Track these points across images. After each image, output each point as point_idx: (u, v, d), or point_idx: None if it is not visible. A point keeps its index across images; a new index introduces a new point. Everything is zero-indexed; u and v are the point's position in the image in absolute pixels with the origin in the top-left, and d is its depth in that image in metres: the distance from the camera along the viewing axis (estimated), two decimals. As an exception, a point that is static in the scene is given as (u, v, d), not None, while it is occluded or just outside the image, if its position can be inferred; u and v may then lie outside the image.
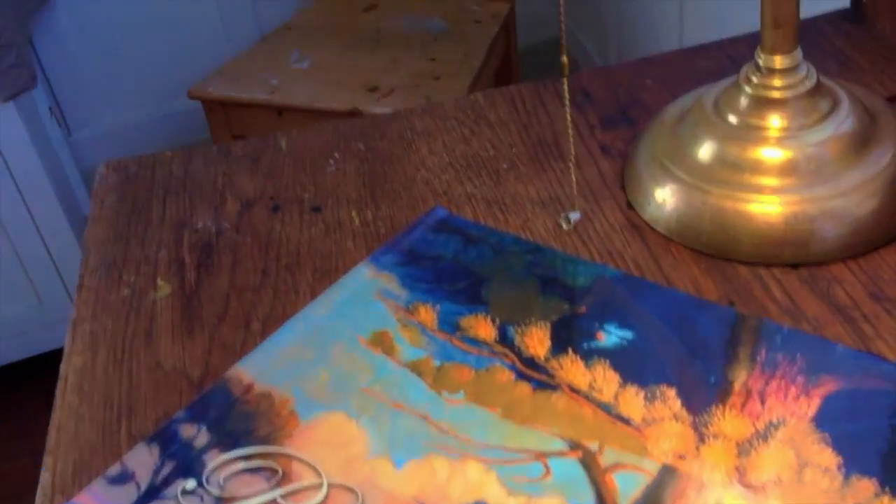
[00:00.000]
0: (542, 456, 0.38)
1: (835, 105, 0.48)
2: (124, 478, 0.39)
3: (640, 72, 0.64)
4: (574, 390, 0.40)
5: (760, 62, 0.47)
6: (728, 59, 0.63)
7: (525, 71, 1.72)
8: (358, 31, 1.53)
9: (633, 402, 0.39)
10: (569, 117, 0.48)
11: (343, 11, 1.61)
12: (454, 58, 1.43)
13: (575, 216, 0.51)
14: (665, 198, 0.49)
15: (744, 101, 0.48)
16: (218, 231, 0.55)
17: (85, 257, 0.54)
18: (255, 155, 0.62)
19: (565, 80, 0.46)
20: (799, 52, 0.47)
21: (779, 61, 0.46)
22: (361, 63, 1.44)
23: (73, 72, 1.71)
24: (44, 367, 1.62)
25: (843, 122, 0.47)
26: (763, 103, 0.47)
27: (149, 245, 0.54)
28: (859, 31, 0.64)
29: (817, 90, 0.47)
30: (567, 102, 0.47)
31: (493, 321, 0.44)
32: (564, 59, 0.46)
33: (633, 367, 0.41)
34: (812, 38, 0.63)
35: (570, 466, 0.37)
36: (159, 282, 0.51)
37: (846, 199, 0.45)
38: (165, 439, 0.40)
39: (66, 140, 1.73)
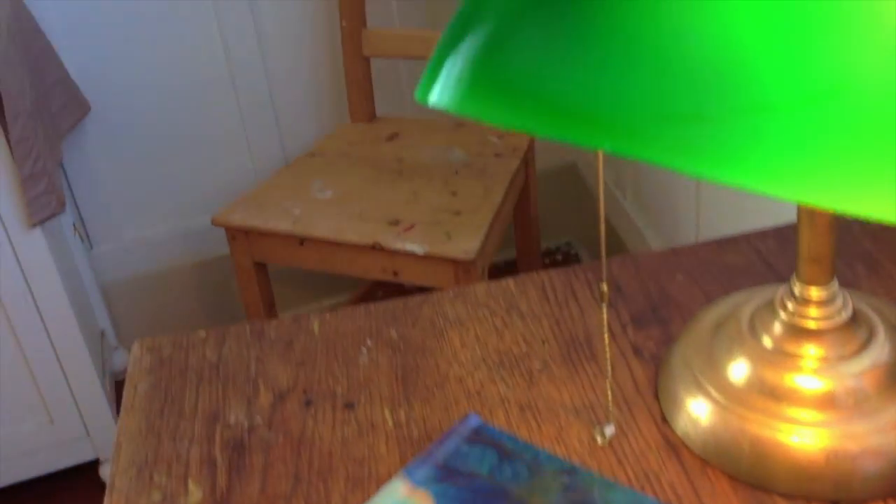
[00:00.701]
0: None
1: (872, 334, 0.48)
2: None
3: (670, 264, 0.65)
4: None
5: (796, 291, 0.48)
6: (756, 254, 0.64)
7: (541, 195, 1.75)
8: (380, 160, 1.56)
9: None
10: (606, 339, 0.48)
11: (365, 139, 1.65)
12: (475, 192, 1.45)
13: (610, 430, 0.51)
14: (700, 416, 0.49)
15: (779, 327, 0.48)
16: (250, 427, 0.55)
17: (116, 452, 0.54)
18: (287, 338, 0.62)
19: (604, 308, 0.47)
20: (835, 283, 0.48)
21: (815, 293, 0.47)
22: (383, 195, 1.46)
23: (99, 188, 1.74)
24: (53, 487, 1.60)
25: (881, 352, 0.47)
26: (799, 332, 0.48)
27: (181, 441, 0.54)
28: (887, 234, 0.65)
29: (854, 319, 0.48)
30: (606, 327, 0.47)
31: (530, 553, 0.44)
32: (604, 287, 0.46)
33: None
34: (838, 236, 0.64)
35: None
36: (190, 486, 0.51)
37: (888, 435, 0.45)
38: None
39: (87, 254, 1.75)
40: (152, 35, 1.67)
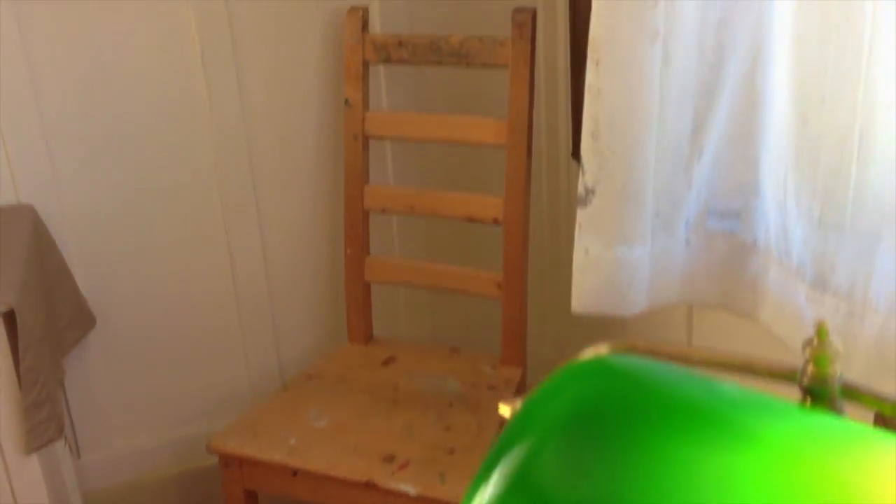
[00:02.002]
0: None
1: None
2: None
3: None
4: None
5: None
6: None
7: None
8: (376, 387, 1.60)
9: None
10: None
11: (362, 363, 1.68)
12: (469, 429, 1.48)
13: None
14: None
15: None
16: None
17: None
18: None
19: None
20: None
21: None
22: (378, 426, 1.48)
23: (93, 398, 1.75)
24: None
25: None
26: None
27: None
28: None
29: None
30: None
31: None
32: None
33: None
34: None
35: None
36: None
37: None
38: None
39: (75, 464, 1.74)
40: (162, 251, 1.73)
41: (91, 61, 1.60)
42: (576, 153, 1.71)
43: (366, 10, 1.65)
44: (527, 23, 1.53)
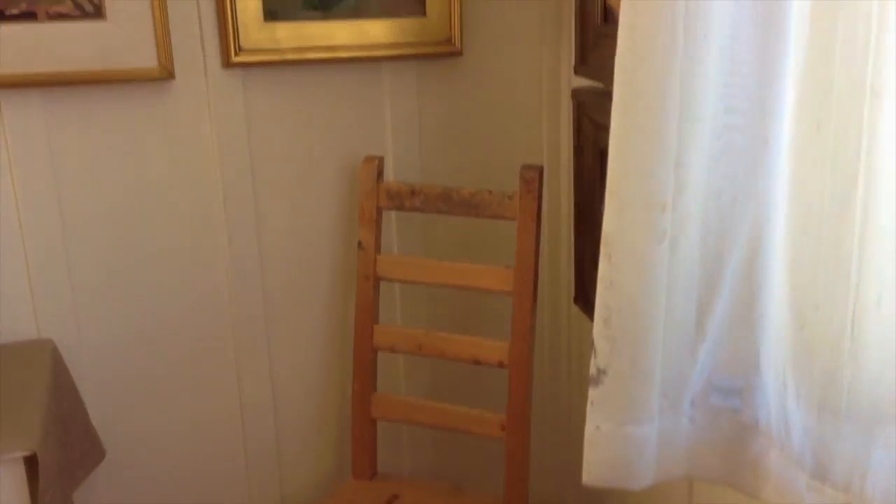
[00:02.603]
0: None
1: None
2: None
3: None
4: None
5: None
6: None
7: None
8: (380, 528, 1.62)
9: None
10: None
11: (365, 501, 1.71)
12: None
13: None
14: None
15: None
16: None
17: None
18: None
19: None
20: None
21: None
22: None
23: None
24: None
25: None
26: None
27: None
28: None
29: None
30: None
31: None
32: None
33: None
34: None
35: None
36: None
37: None
38: None
39: None
40: (173, 384, 1.77)
41: (117, 196, 1.67)
42: (577, 299, 1.78)
43: (381, 160, 1.74)
44: (534, 179, 1.62)
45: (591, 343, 1.02)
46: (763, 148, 0.91)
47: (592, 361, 0.97)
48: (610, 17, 1.50)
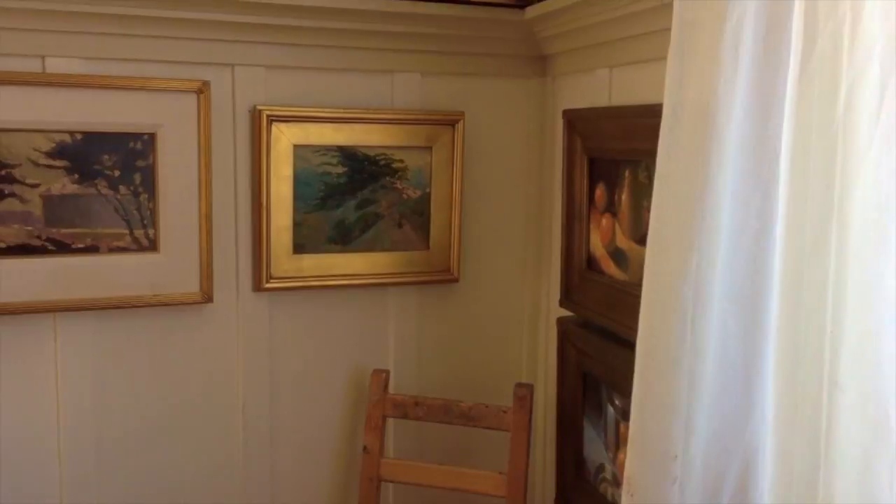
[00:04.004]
0: None
1: None
2: None
3: None
4: None
5: None
6: None
7: None
8: None
9: None
10: None
11: None
12: None
13: None
14: None
15: None
16: None
17: None
18: None
19: None
20: None
21: None
22: None
23: None
24: None
25: None
26: None
27: None
28: None
29: None
30: None
31: None
32: None
33: None
34: None
35: None
36: None
37: None
38: None
39: None
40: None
41: (149, 410, 1.85)
42: (558, 499, 1.99)
43: (388, 373, 1.97)
44: (527, 396, 1.87)
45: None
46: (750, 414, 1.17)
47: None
48: (594, 264, 1.80)
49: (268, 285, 1.90)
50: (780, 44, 1.07)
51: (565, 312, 1.91)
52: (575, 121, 1.82)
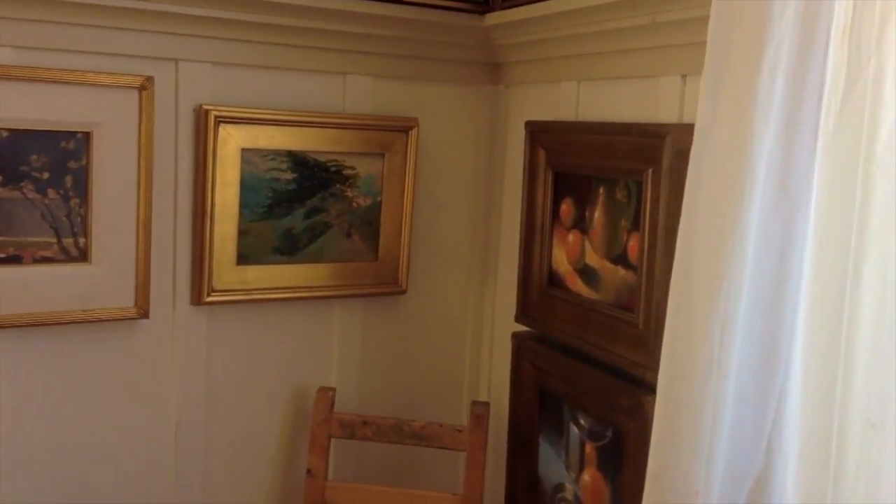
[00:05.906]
0: None
1: None
2: None
3: None
4: None
5: None
6: None
7: None
8: None
9: None
10: None
11: None
12: None
13: None
14: None
15: None
16: None
17: None
18: None
19: None
20: None
21: None
22: None
23: None
24: None
25: None
26: None
27: None
28: None
29: None
30: None
31: None
32: None
33: None
34: None
35: None
36: None
37: None
38: None
39: None
40: None
41: (69, 429, 1.68)
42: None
43: (334, 391, 1.87)
44: (483, 415, 1.82)
45: None
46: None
47: None
48: (557, 280, 1.76)
49: (208, 299, 1.75)
50: (814, 76, 1.05)
51: (519, 327, 1.86)
52: (538, 133, 1.77)
